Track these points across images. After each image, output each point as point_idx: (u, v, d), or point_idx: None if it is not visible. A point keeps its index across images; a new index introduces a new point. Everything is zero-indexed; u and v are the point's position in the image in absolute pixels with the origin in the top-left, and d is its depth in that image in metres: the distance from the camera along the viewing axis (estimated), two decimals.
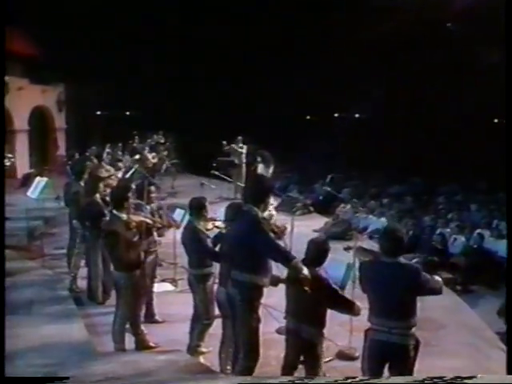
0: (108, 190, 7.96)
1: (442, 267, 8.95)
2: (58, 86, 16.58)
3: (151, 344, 5.18)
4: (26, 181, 8.37)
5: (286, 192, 15.17)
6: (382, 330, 3.47)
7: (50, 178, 8.25)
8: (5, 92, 13.57)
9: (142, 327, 5.36)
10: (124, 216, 4.79)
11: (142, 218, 5.04)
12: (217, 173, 9.55)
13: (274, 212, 10.50)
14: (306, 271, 3.58)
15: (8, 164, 9.33)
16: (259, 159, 10.80)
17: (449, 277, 8.60)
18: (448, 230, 9.79)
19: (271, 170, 10.64)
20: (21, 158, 14.30)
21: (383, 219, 11.24)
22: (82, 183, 6.84)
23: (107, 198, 5.89)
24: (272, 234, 3.81)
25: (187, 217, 6.63)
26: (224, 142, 12.94)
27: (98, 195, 6.28)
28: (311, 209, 11.94)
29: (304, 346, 3.83)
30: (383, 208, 12.01)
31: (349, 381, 3.52)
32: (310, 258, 3.78)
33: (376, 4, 15.92)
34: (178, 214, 6.96)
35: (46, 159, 15.69)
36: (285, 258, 3.66)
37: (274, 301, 4.60)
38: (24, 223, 9.01)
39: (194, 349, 4.83)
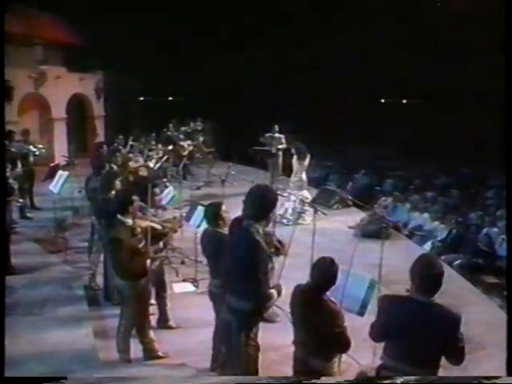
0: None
1: (487, 270, 8.31)
2: (97, 73, 16.56)
3: (160, 354, 4.89)
4: (53, 172, 8.22)
5: (326, 182, 14.68)
6: (398, 374, 2.95)
7: (72, 171, 8.15)
8: (42, 81, 13.72)
9: (152, 334, 5.10)
10: (129, 221, 4.46)
11: (150, 223, 4.69)
12: (233, 172, 9.12)
13: (307, 207, 10.08)
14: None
15: (37, 154, 9.25)
16: (293, 151, 10.31)
17: (494, 282, 7.95)
18: (495, 229, 9.03)
19: (306, 162, 10.11)
20: (59, 147, 14.44)
21: (426, 215, 10.58)
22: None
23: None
24: (272, 250, 3.39)
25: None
26: (263, 133, 12.58)
27: (113, 192, 6.01)
28: (349, 202, 11.35)
29: (313, 376, 3.39)
30: (427, 202, 11.30)
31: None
32: (315, 282, 3.31)
33: None
34: (199, 213, 6.63)
35: (84, 147, 15.80)
36: (258, 293, 3.33)
37: None
38: (55, 214, 8.93)
39: None
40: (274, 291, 3.49)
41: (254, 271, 3.31)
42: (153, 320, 5.46)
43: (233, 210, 4.95)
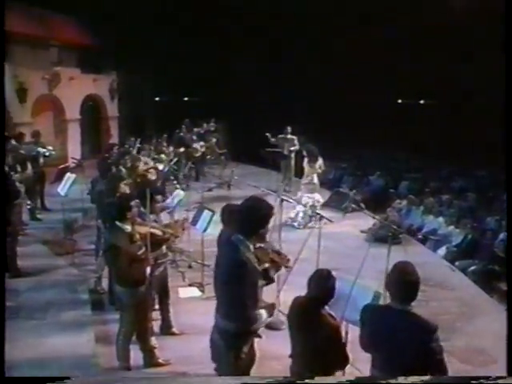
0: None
1: (503, 278, 8.06)
2: (111, 74, 16.57)
3: (161, 361, 4.81)
4: (62, 174, 8.21)
5: (340, 184, 14.50)
6: None
7: (82, 173, 8.14)
8: (56, 82, 13.77)
9: (155, 341, 5.03)
10: (128, 228, 4.35)
11: (150, 229, 4.58)
12: (236, 177, 9.02)
13: (318, 211, 9.89)
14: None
15: (47, 155, 9.23)
16: (304, 153, 10.16)
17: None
18: None
19: (317, 164, 9.93)
20: (73, 148, 14.47)
21: (441, 219, 10.34)
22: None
23: None
24: (266, 265, 3.19)
25: (213, 221, 6.23)
26: (268, 135, 12.47)
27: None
28: (362, 205, 11.12)
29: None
30: (442, 206, 11.05)
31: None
32: (312, 296, 3.17)
33: None
34: (205, 217, 6.54)
35: (98, 148, 15.80)
36: (244, 314, 3.09)
37: None
38: (64, 215, 8.90)
39: None
40: (263, 312, 3.24)
41: (240, 292, 3.08)
42: (156, 326, 5.41)
43: None
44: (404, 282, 2.87)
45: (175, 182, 10.05)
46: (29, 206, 8.53)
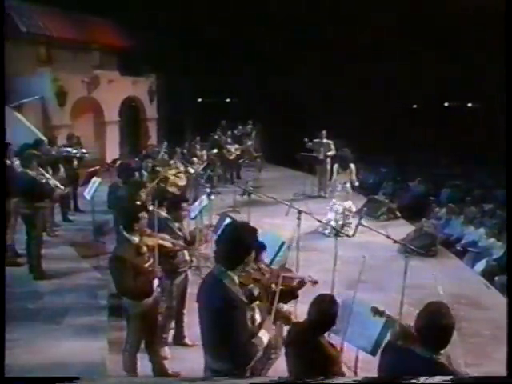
0: (173, 189, 7.78)
1: None
2: (150, 76, 16.75)
3: (170, 373, 4.71)
4: (90, 178, 8.27)
5: (379, 190, 14.08)
6: None
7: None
8: (95, 85, 14.04)
9: (167, 351, 4.96)
10: (135, 239, 4.24)
11: (159, 241, 4.44)
12: (251, 188, 8.82)
13: (351, 220, 9.54)
14: None
15: (78, 155, 9.33)
16: (337, 159, 9.89)
17: None
18: None
19: (348, 171, 9.60)
20: (111, 150, 14.70)
21: (481, 230, 9.79)
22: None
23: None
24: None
25: None
26: (305, 140, 12.27)
27: (138, 203, 5.90)
28: (398, 214, 10.72)
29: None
30: (484, 216, 10.47)
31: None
32: (312, 322, 2.96)
33: None
34: None
35: (137, 150, 15.99)
36: (236, 354, 2.80)
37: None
38: (96, 217, 8.97)
39: None
40: (262, 334, 2.88)
41: (228, 332, 2.77)
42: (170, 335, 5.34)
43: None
44: (435, 325, 2.50)
45: (207, 185, 9.97)
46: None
